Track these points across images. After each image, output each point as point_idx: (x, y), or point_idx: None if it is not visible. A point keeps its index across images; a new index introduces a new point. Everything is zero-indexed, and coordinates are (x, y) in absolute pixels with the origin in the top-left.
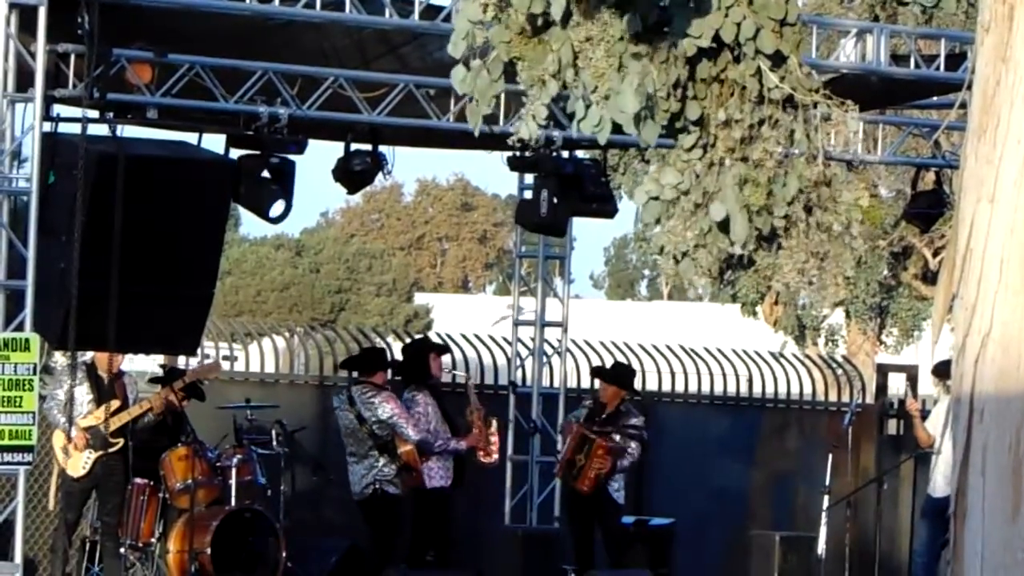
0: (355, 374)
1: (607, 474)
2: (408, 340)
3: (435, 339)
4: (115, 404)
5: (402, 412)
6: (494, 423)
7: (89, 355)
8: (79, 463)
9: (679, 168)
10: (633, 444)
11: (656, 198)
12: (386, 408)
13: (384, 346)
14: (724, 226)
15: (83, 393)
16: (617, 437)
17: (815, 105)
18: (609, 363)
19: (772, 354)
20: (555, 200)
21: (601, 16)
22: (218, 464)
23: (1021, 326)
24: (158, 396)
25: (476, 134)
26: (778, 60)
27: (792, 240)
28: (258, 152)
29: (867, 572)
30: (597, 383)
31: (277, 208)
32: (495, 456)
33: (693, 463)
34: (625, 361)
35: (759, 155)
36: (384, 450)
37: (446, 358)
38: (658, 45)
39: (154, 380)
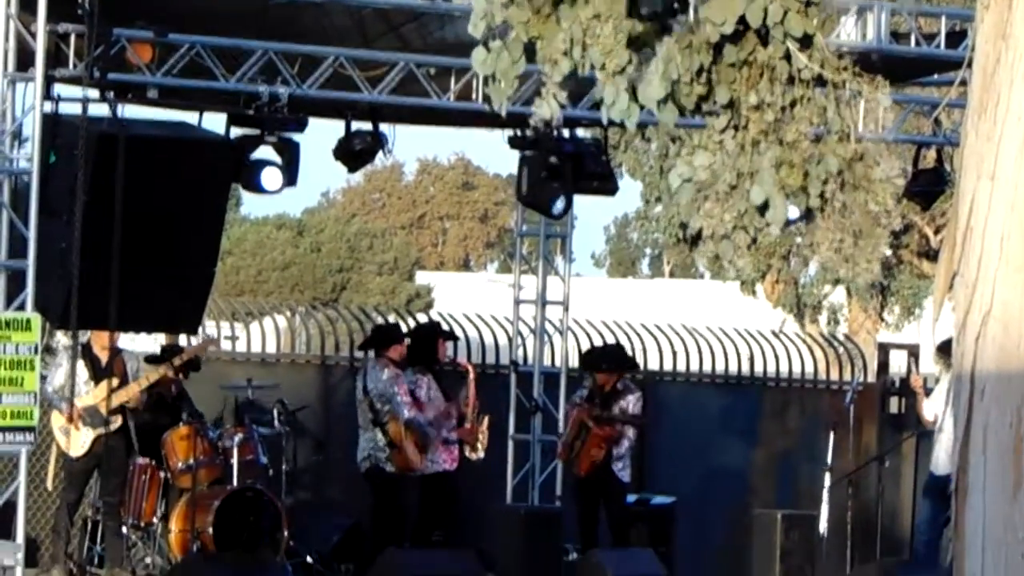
0: (371, 354)
1: (602, 461)
2: (414, 322)
3: (439, 321)
4: (114, 382)
5: (401, 388)
6: (486, 420)
7: (85, 335)
8: (78, 442)
9: (711, 150)
10: (630, 431)
11: (689, 180)
12: (385, 380)
13: (396, 322)
14: (761, 208)
15: (81, 372)
16: (616, 410)
17: (845, 83)
18: (608, 345)
19: (773, 332)
20: (542, 176)
21: None
22: (219, 444)
23: (1022, 304)
24: (156, 372)
25: (503, 113)
26: (806, 41)
27: (828, 220)
28: (258, 131)
29: (869, 550)
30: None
31: (275, 180)
32: (481, 453)
33: (694, 442)
34: (615, 341)
35: (793, 136)
36: (381, 425)
37: (448, 343)
38: (674, 26)
39: (150, 360)
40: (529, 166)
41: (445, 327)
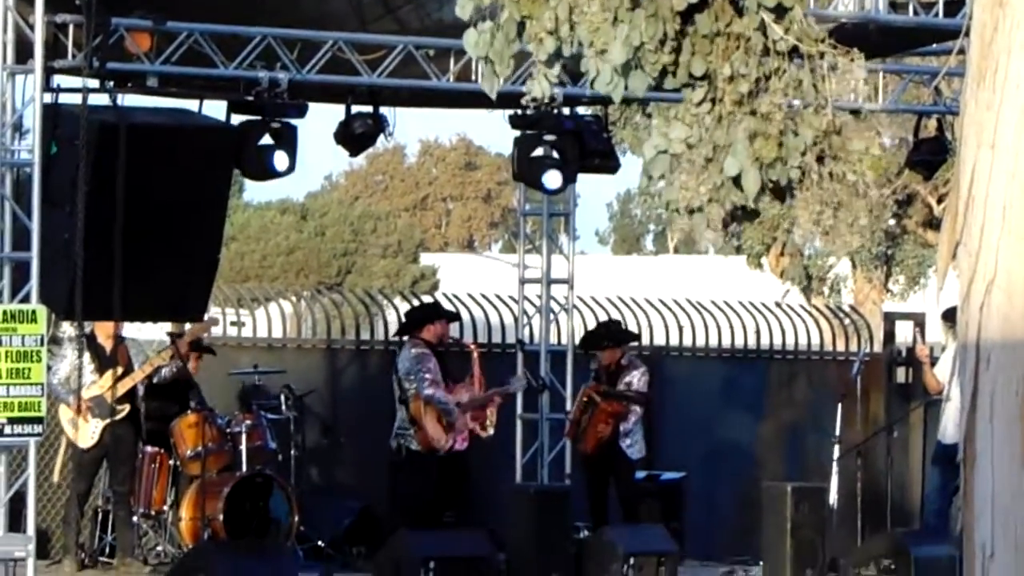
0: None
1: (609, 437)
2: (416, 302)
3: (444, 302)
4: (119, 371)
5: (426, 366)
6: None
7: (89, 325)
8: (87, 434)
9: (687, 122)
10: (636, 408)
11: (664, 152)
12: (411, 358)
13: (429, 302)
14: (737, 180)
15: (85, 363)
16: (622, 386)
17: (821, 55)
18: (605, 322)
19: (778, 304)
20: (534, 154)
21: None
22: (228, 430)
23: None
24: (160, 356)
25: (493, 97)
26: (781, 11)
27: (806, 191)
28: (259, 117)
29: (879, 520)
30: None
31: (284, 162)
32: (491, 430)
33: (702, 417)
34: (613, 318)
35: (767, 108)
36: (405, 403)
37: (453, 325)
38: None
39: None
40: (521, 145)
41: (449, 307)
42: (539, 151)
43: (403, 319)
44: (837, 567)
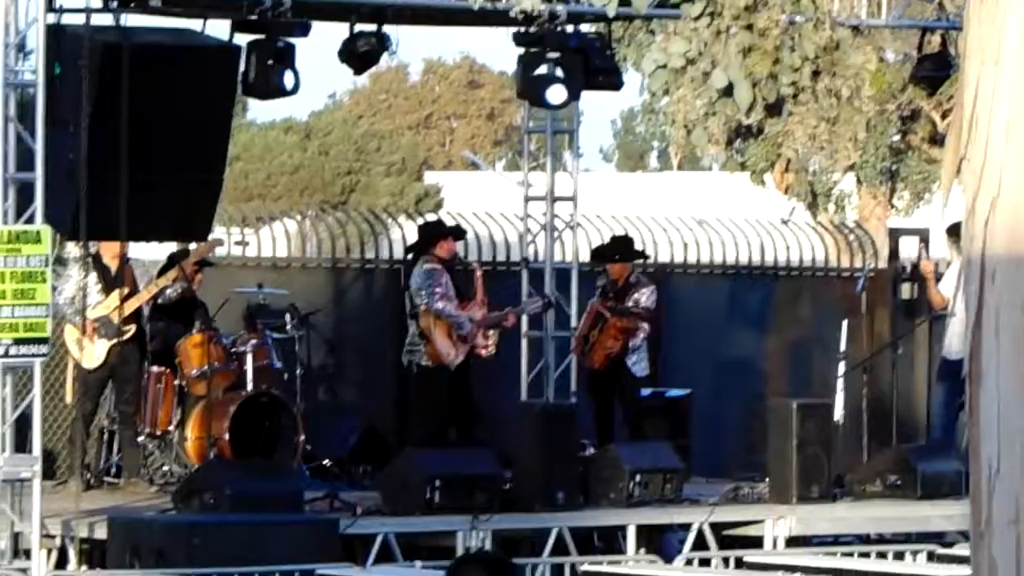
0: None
1: (617, 353)
2: (420, 221)
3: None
4: (125, 291)
5: (437, 281)
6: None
7: (95, 245)
8: (93, 354)
9: (686, 37)
10: (645, 325)
11: (664, 67)
12: (422, 273)
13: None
14: (729, 93)
15: (91, 283)
16: (630, 303)
17: None
18: (616, 237)
19: (784, 221)
20: (537, 71)
21: None
22: (233, 349)
23: None
24: (166, 277)
25: (476, 7)
26: None
27: (802, 107)
28: (263, 36)
29: (885, 436)
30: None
31: (288, 80)
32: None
33: (708, 334)
34: (625, 233)
35: (764, 23)
36: (415, 318)
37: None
38: None
39: (162, 272)
40: (524, 63)
41: (452, 225)
42: (543, 69)
43: (416, 238)
44: (843, 483)
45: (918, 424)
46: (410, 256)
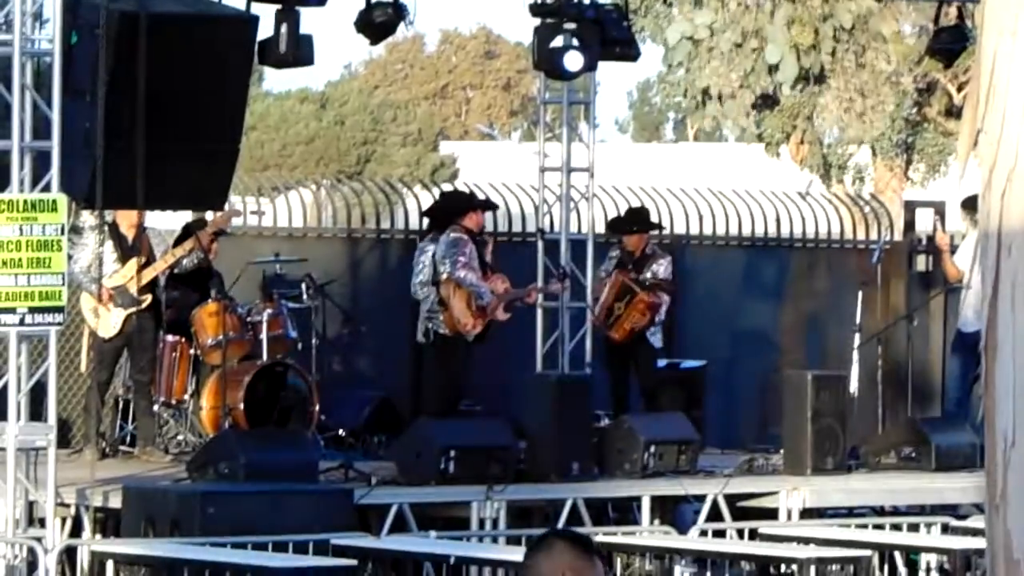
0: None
1: (643, 328)
2: (436, 191)
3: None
4: (142, 260)
5: (461, 251)
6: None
7: (111, 214)
8: (109, 323)
9: (713, 7)
10: (666, 297)
11: (689, 38)
12: (449, 240)
13: (472, 190)
14: (772, 67)
15: (107, 252)
16: (649, 275)
17: None
18: (632, 208)
19: (800, 193)
20: (553, 43)
21: None
22: (248, 319)
23: None
24: (182, 248)
25: None
26: None
27: (838, 78)
28: (279, 6)
29: (900, 408)
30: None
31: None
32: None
33: (723, 305)
34: (641, 204)
35: None
36: (436, 285)
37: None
38: None
39: (177, 241)
40: (541, 34)
41: (483, 198)
42: (559, 40)
43: (442, 209)
44: (857, 455)
45: (933, 396)
46: (426, 222)
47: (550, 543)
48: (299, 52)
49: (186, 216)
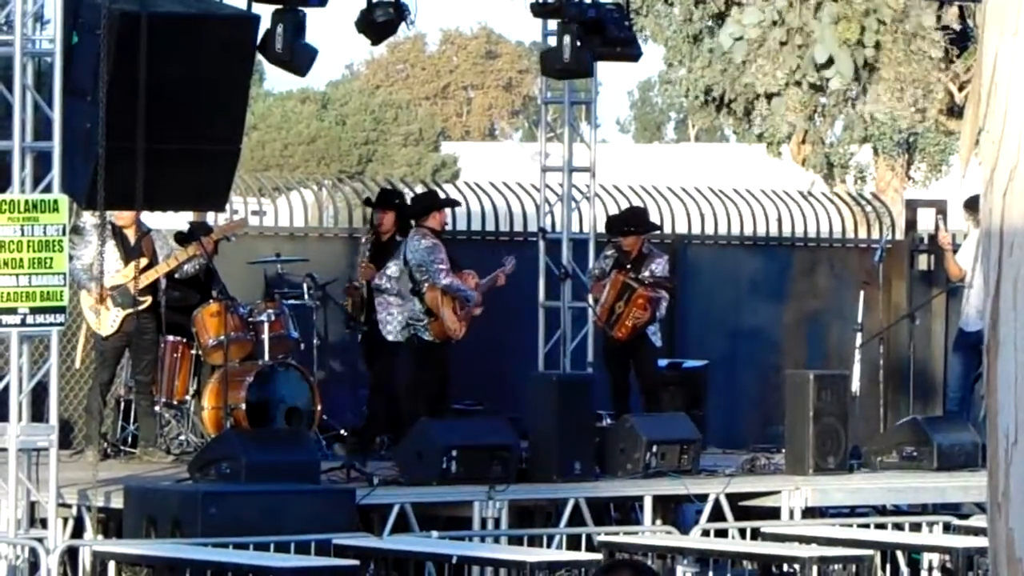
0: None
1: (644, 324)
2: (442, 192)
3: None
4: (143, 262)
5: (438, 257)
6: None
7: (113, 215)
8: (107, 322)
9: (760, 7)
10: (664, 294)
11: (741, 38)
12: (423, 249)
13: (433, 189)
14: (827, 65)
15: (110, 252)
16: (647, 274)
17: None
18: (629, 208)
19: (801, 193)
20: (578, 44)
21: None
22: (250, 319)
23: None
24: (185, 253)
25: None
26: None
27: (887, 69)
28: (280, 6)
29: (902, 407)
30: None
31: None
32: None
33: (725, 305)
34: (640, 205)
35: None
36: (419, 295)
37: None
38: None
39: (179, 239)
40: (544, 34)
41: (444, 197)
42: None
43: (412, 202)
44: (859, 454)
45: (935, 395)
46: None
47: (618, 571)
48: (295, 57)
49: (188, 217)
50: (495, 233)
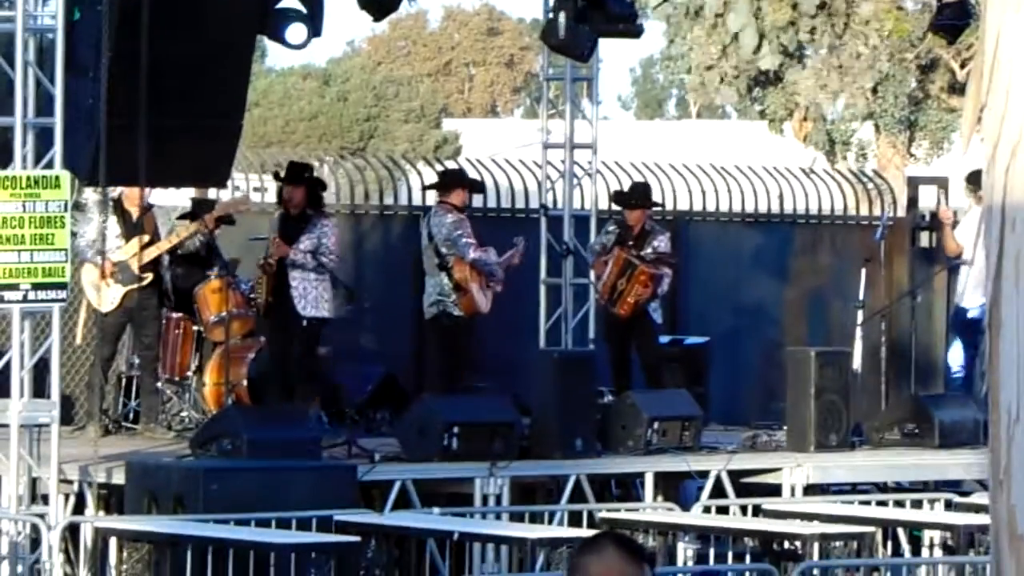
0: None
1: (646, 300)
2: (440, 167)
3: (467, 167)
4: (145, 238)
5: (465, 231)
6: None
7: (116, 191)
8: (108, 298)
9: None
10: (667, 270)
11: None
12: (449, 224)
13: (459, 166)
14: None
15: (112, 228)
16: (649, 250)
17: None
18: (633, 184)
19: (802, 170)
20: (574, 22)
21: None
22: (251, 296)
23: None
24: (187, 229)
25: None
26: None
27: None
28: None
29: (903, 384)
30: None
31: (300, 34)
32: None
33: (726, 281)
34: (644, 180)
35: None
36: (447, 270)
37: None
38: None
39: (183, 216)
40: (547, 11)
41: (473, 175)
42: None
43: (437, 177)
44: (860, 431)
45: (936, 372)
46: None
47: (601, 545)
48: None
49: (190, 193)
50: (496, 210)
